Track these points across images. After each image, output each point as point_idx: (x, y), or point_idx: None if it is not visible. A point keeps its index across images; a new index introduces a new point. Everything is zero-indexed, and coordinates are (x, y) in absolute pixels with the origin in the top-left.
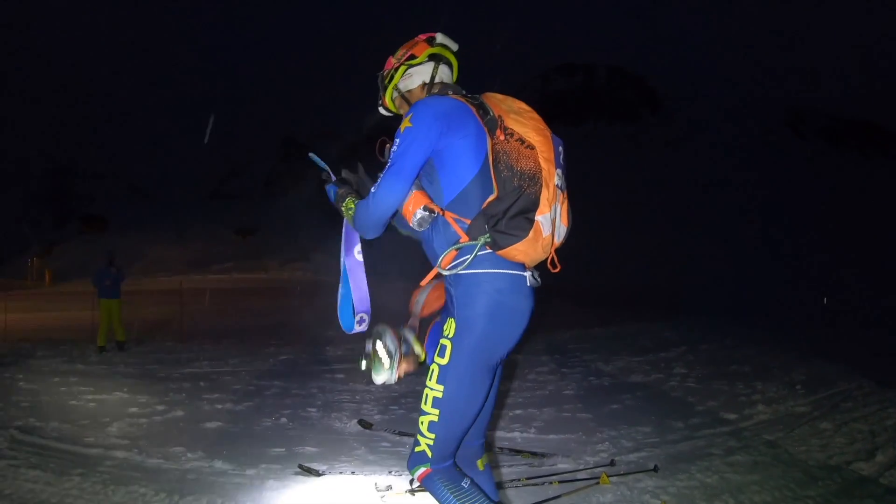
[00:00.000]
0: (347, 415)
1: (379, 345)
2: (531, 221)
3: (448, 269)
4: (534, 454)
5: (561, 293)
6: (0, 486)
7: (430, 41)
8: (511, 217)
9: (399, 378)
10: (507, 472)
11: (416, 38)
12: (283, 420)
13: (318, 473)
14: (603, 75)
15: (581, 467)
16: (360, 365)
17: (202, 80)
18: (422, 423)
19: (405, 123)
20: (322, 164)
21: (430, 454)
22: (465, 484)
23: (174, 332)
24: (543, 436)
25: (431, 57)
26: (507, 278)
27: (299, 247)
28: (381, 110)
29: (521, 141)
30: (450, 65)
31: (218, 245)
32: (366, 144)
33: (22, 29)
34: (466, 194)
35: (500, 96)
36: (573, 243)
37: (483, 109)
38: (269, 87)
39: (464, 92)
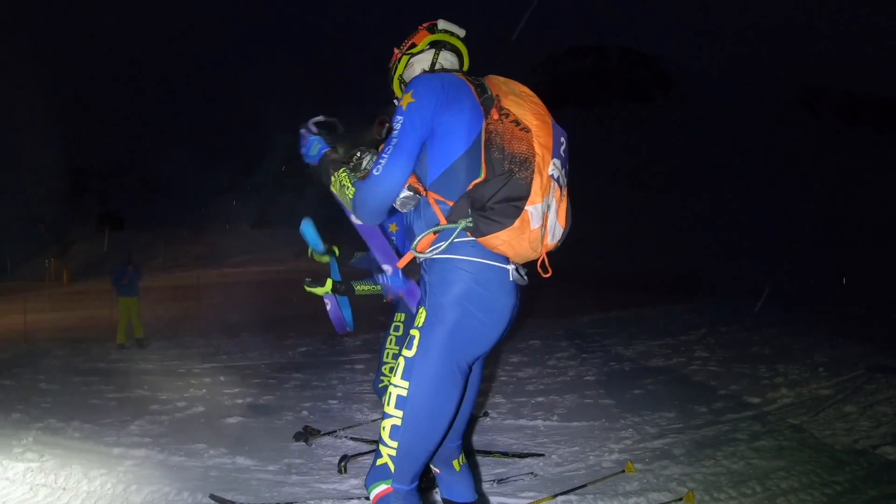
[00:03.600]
0: (369, 406)
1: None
2: (519, 210)
3: (424, 253)
4: (504, 454)
5: (578, 277)
6: (20, 489)
7: (432, 28)
8: (497, 202)
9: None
10: (531, 462)
11: (419, 28)
12: (305, 413)
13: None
14: (615, 56)
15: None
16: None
17: (214, 76)
18: (383, 428)
19: (407, 99)
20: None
21: (392, 467)
22: None
23: (193, 327)
24: (566, 423)
25: (432, 44)
26: (487, 269)
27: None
28: (396, 102)
29: (517, 123)
30: (455, 51)
31: (233, 239)
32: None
33: (34, 28)
34: (452, 174)
35: (502, 79)
36: (589, 227)
37: (482, 88)
38: (282, 80)
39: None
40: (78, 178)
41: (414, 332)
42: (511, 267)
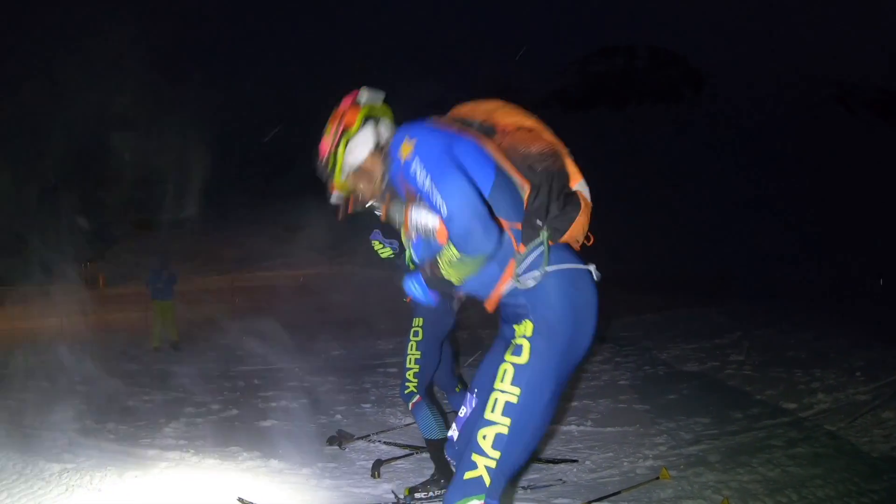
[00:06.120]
0: (402, 410)
1: None
2: (572, 193)
3: (524, 278)
4: (537, 460)
5: (609, 279)
6: (56, 489)
7: (357, 103)
8: (556, 198)
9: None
10: (564, 468)
11: (341, 107)
12: (338, 417)
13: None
14: (644, 56)
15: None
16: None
17: (246, 81)
18: (483, 437)
19: (407, 148)
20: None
21: (488, 481)
22: None
23: (227, 330)
24: (601, 428)
25: (366, 120)
26: (577, 273)
27: (345, 241)
28: (335, 199)
29: (520, 128)
30: (388, 116)
31: (267, 242)
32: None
33: (66, 32)
34: (497, 198)
35: (468, 105)
36: (621, 228)
37: (462, 123)
38: (313, 82)
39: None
40: (113, 183)
41: (521, 341)
42: (592, 266)
